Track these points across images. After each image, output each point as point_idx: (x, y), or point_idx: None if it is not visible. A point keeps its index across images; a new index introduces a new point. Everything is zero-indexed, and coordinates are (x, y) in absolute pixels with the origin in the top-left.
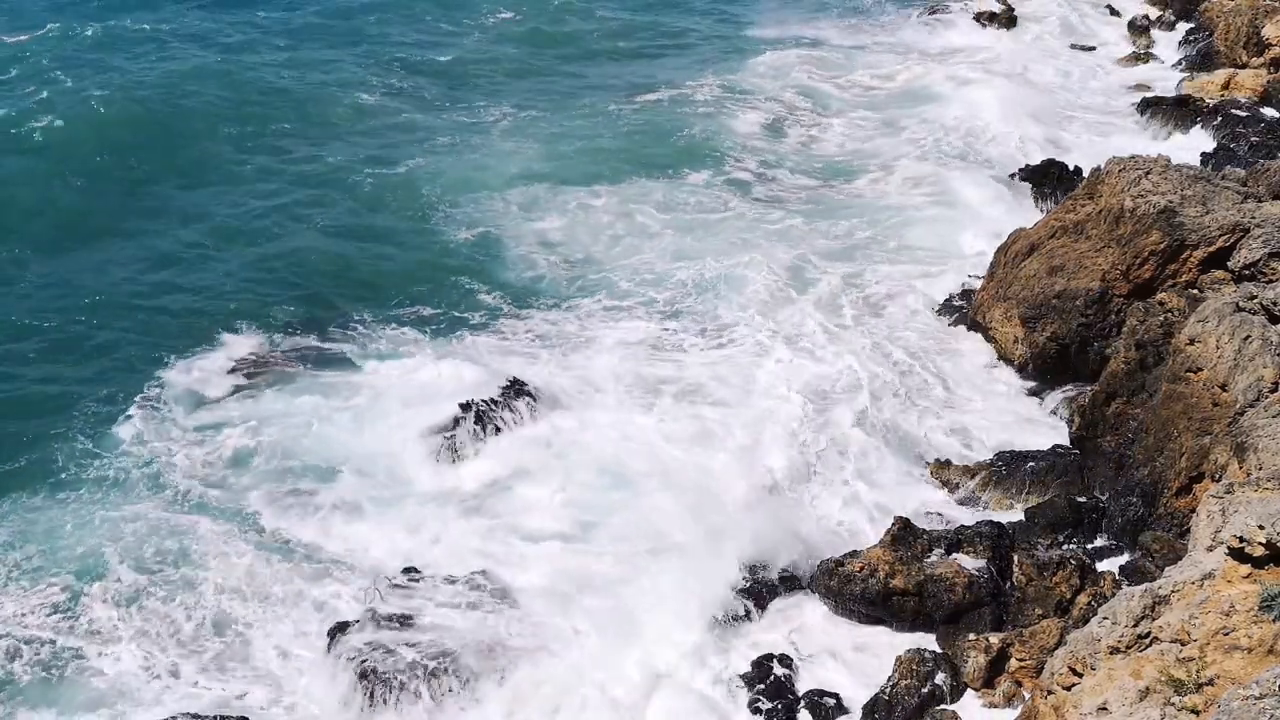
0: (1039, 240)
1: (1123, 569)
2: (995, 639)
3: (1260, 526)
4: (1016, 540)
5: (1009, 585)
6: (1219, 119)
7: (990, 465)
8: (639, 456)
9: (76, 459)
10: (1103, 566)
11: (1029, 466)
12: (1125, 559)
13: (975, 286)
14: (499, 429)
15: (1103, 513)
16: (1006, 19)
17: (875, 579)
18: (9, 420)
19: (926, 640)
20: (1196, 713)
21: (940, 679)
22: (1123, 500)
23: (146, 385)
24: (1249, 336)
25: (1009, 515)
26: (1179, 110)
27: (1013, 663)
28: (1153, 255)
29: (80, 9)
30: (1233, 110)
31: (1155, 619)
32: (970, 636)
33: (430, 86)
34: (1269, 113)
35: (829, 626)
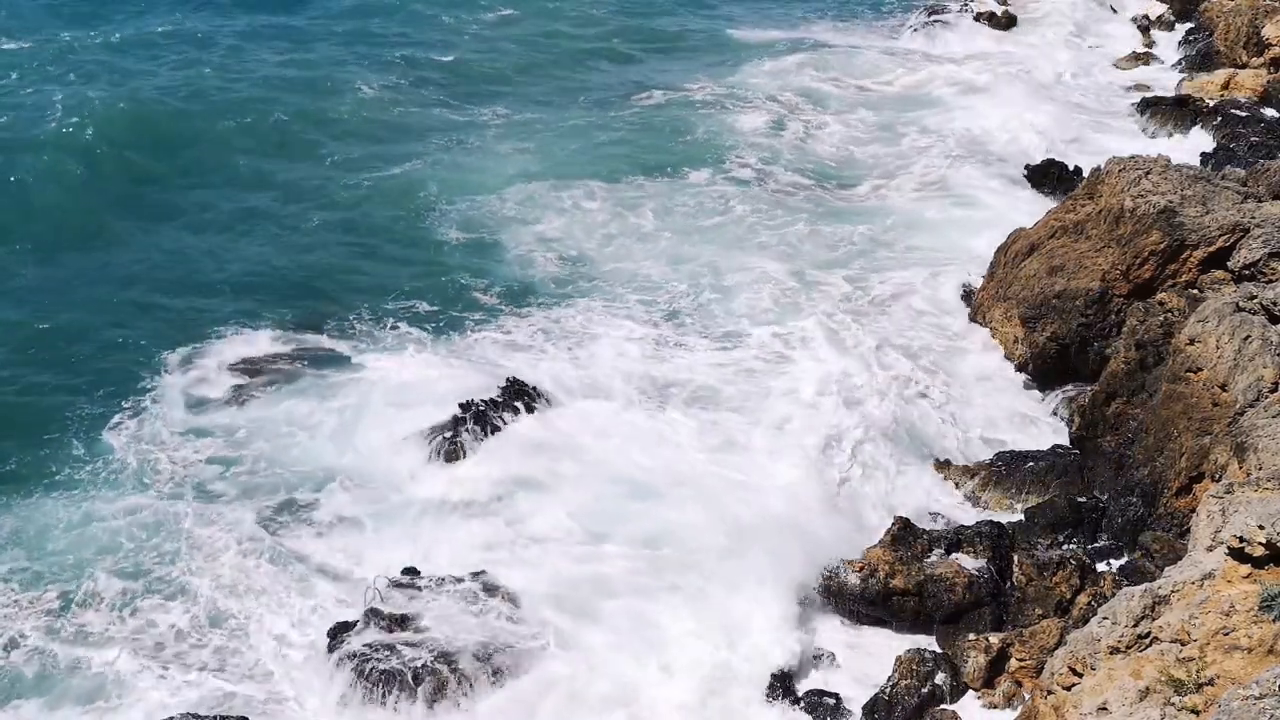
0: (1039, 240)
1: (1123, 569)
2: (995, 639)
3: (1260, 526)
4: (1016, 540)
5: (1009, 585)
6: (1219, 119)
7: (990, 465)
8: (647, 459)
9: (70, 460)
10: (1103, 566)
11: (1029, 466)
12: (1125, 559)
13: (977, 286)
14: (499, 429)
15: (1103, 513)
16: (1006, 19)
17: (875, 579)
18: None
19: (926, 640)
20: (1196, 713)
21: (940, 679)
22: (1123, 500)
23: (142, 385)
24: (1249, 336)
25: (1009, 515)
26: (1179, 110)
27: (1013, 663)
28: (1153, 255)
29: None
30: (1233, 110)
31: (1155, 619)
32: (970, 636)
33: (428, 87)
34: (1269, 113)
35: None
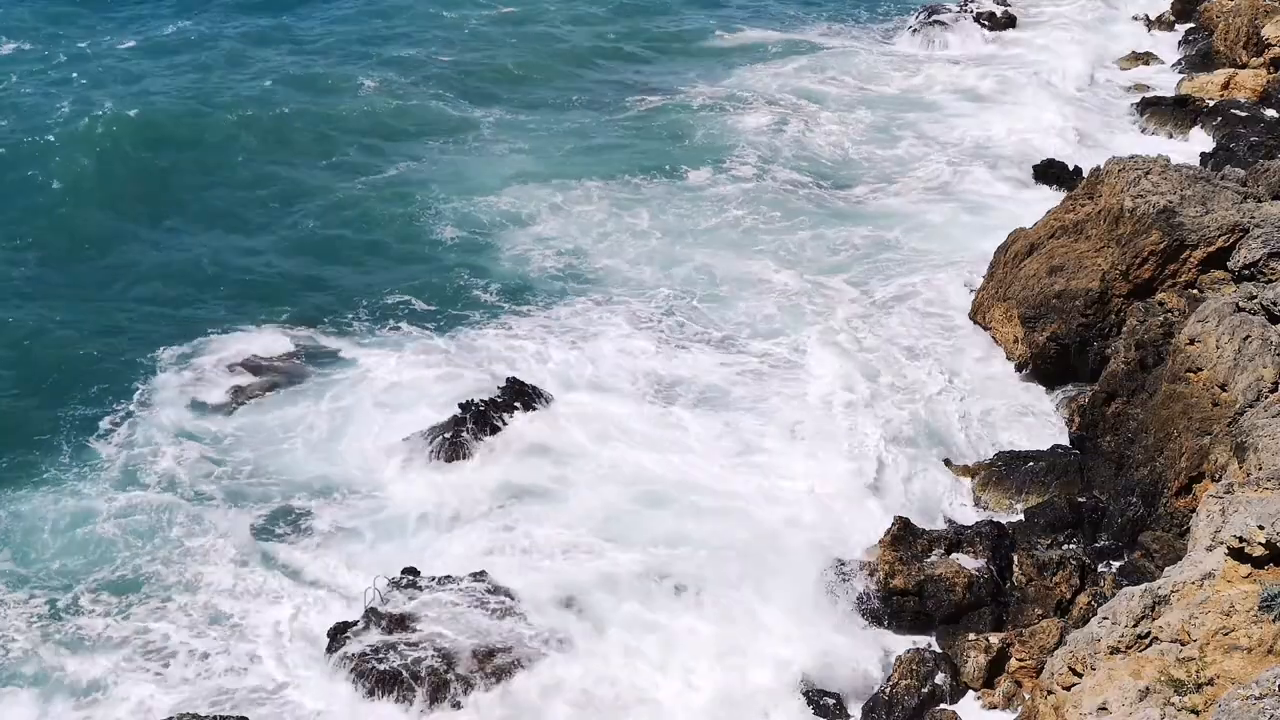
0: (1039, 240)
1: (1123, 569)
2: (995, 639)
3: (1260, 526)
4: (1016, 540)
5: (1009, 585)
6: (1219, 119)
7: (990, 465)
8: (654, 459)
9: (61, 461)
10: (1102, 566)
11: (1029, 466)
12: (1125, 559)
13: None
14: (499, 430)
15: (1103, 513)
16: (1005, 19)
17: (875, 579)
18: None
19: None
20: (1196, 713)
21: (940, 679)
22: (1123, 500)
23: (137, 386)
24: (1249, 336)
25: (1009, 515)
26: (1178, 110)
27: (1013, 663)
28: (1152, 255)
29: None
30: (1232, 110)
31: (1155, 619)
32: (970, 636)
33: (427, 87)
34: (1269, 113)
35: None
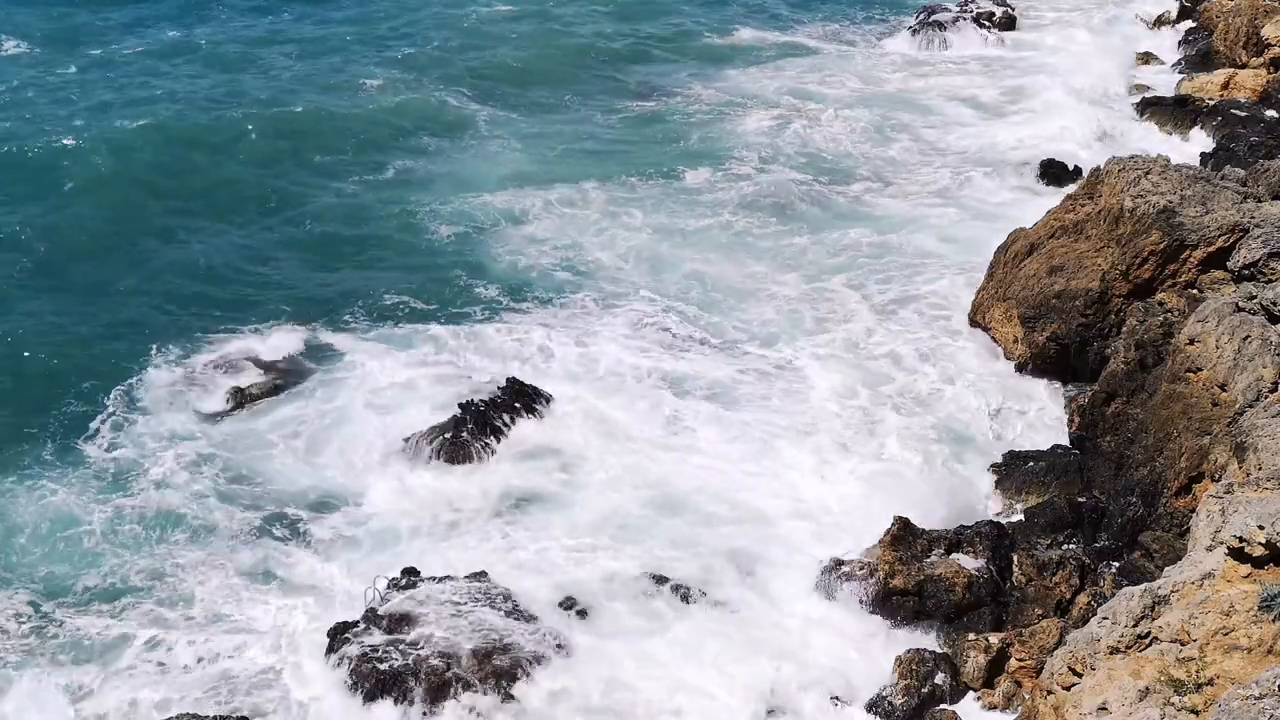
0: (1039, 240)
1: (1123, 569)
2: (995, 639)
3: (1260, 526)
4: (1016, 540)
5: (1009, 585)
6: (1219, 119)
7: (990, 465)
8: (657, 460)
9: (52, 460)
10: (1102, 566)
11: (1029, 466)
12: (1125, 559)
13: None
14: (499, 430)
15: (1103, 513)
16: (1006, 20)
17: (875, 579)
18: None
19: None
20: (1196, 713)
21: (940, 679)
22: (1123, 500)
23: (133, 386)
24: (1249, 336)
25: (1009, 515)
26: (1178, 110)
27: (1013, 663)
28: (1152, 255)
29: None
30: (1232, 110)
31: (1155, 619)
32: (970, 636)
33: (427, 86)
34: (1269, 113)
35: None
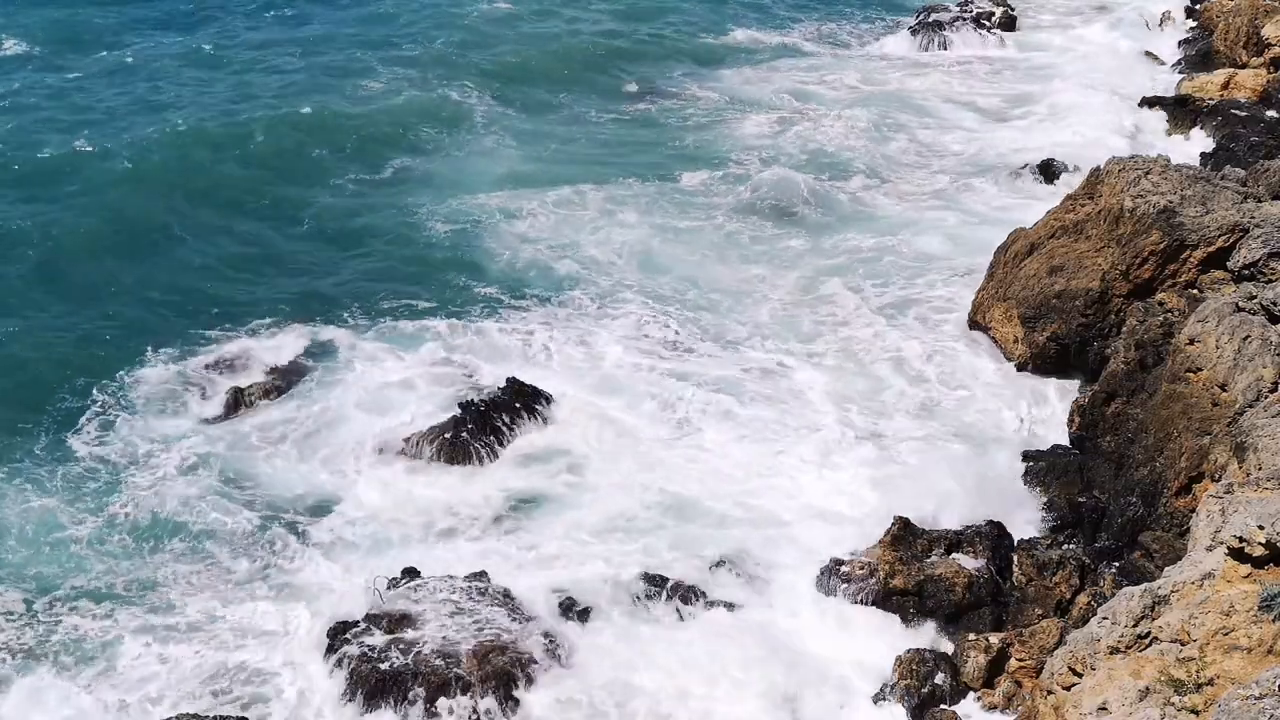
0: (1039, 240)
1: (1123, 569)
2: (995, 639)
3: (1260, 526)
4: (1016, 540)
5: (1009, 585)
6: (1219, 119)
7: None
8: (653, 461)
9: (43, 454)
10: (1102, 566)
11: (1029, 466)
12: (1125, 559)
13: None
14: (499, 430)
15: (1103, 513)
16: (1006, 20)
17: (875, 579)
18: None
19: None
20: (1196, 713)
21: (940, 679)
22: (1123, 500)
23: (130, 384)
24: (1249, 336)
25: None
26: (1179, 110)
27: (1013, 663)
28: (1152, 255)
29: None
30: (1232, 110)
31: (1155, 619)
32: (970, 636)
33: (423, 87)
34: (1269, 113)
35: None
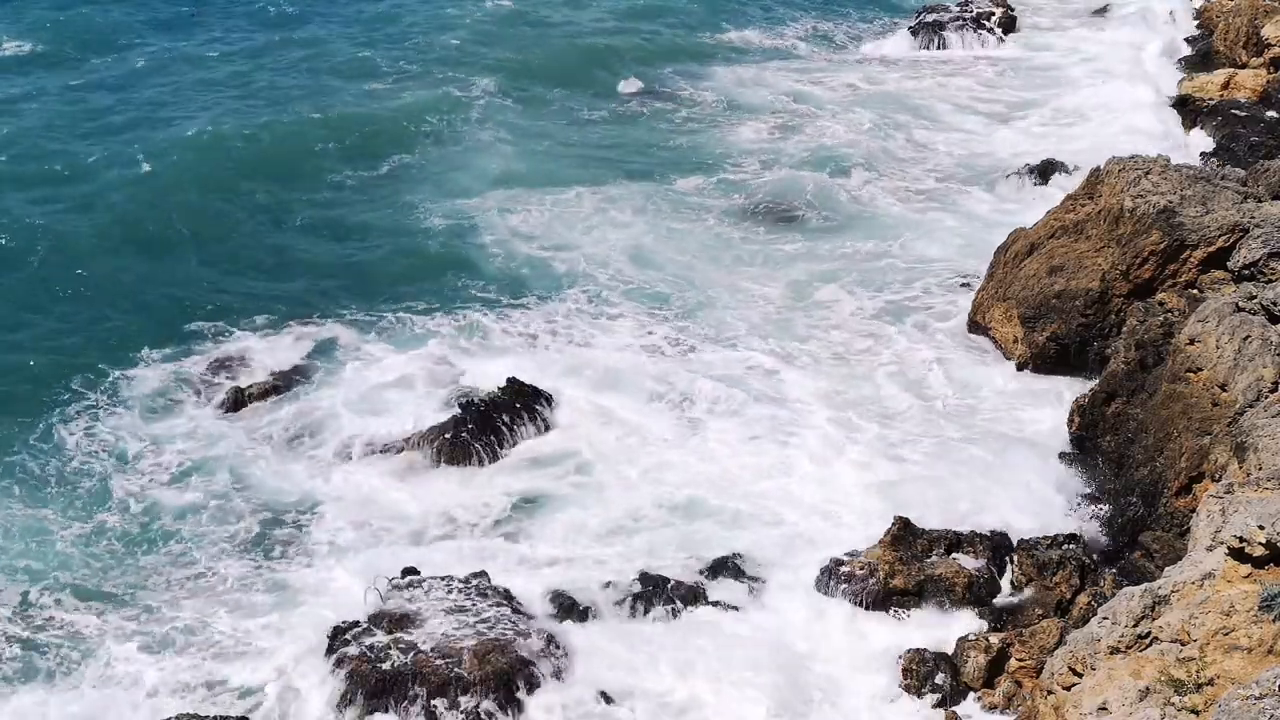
0: (1039, 240)
1: (1123, 569)
2: (995, 639)
3: (1260, 526)
4: (1016, 540)
5: (1009, 585)
6: (1219, 119)
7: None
8: (652, 461)
9: (34, 456)
10: (1103, 566)
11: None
12: (1125, 559)
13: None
14: (499, 430)
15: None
16: (1006, 20)
17: (875, 579)
18: None
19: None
20: (1196, 713)
21: (940, 679)
22: (1123, 500)
23: (129, 384)
24: (1249, 336)
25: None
26: (1179, 110)
27: (1013, 663)
28: (1153, 255)
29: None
30: (1232, 110)
31: (1155, 619)
32: (970, 636)
33: (423, 87)
34: (1269, 113)
35: None
